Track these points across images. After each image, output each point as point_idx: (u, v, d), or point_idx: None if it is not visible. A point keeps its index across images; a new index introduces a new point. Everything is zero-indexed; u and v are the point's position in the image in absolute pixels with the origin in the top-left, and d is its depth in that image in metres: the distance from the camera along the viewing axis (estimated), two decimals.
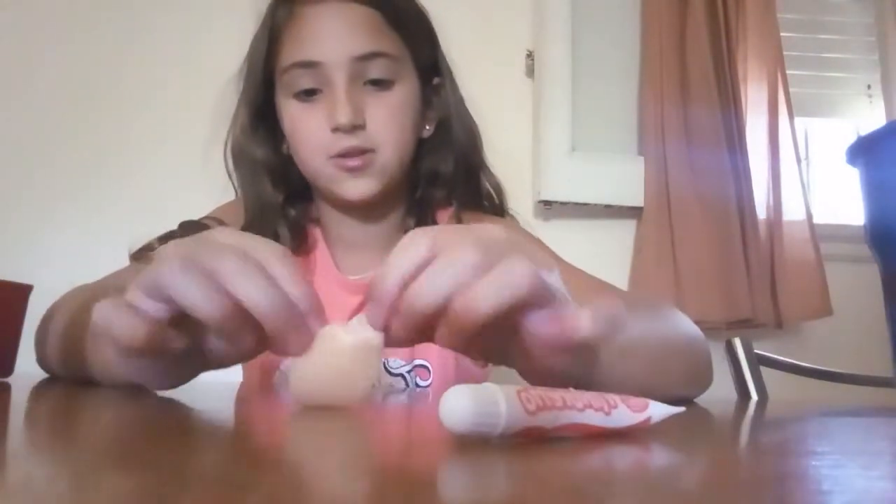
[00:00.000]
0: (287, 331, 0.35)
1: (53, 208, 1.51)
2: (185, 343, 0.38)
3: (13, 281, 0.56)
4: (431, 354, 0.73)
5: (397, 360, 0.73)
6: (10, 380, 0.56)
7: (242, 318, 0.35)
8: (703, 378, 0.61)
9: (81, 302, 0.55)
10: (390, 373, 0.73)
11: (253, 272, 0.34)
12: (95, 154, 1.54)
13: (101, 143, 1.54)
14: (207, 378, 0.64)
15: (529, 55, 1.65)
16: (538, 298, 0.34)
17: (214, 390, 0.57)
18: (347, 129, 0.67)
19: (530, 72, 1.64)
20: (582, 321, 0.34)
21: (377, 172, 0.70)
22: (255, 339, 0.37)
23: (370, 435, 0.34)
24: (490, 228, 0.38)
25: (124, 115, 1.55)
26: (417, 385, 0.73)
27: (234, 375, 0.82)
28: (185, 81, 1.55)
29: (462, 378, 0.74)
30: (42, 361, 0.62)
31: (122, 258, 0.81)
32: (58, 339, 0.58)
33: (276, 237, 0.74)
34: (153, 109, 1.55)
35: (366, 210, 0.75)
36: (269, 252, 0.36)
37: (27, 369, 0.60)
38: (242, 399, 0.53)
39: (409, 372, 0.73)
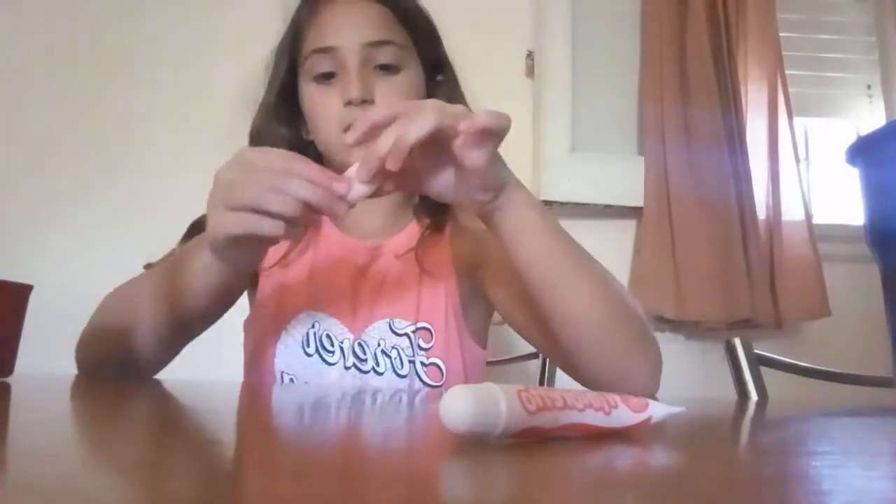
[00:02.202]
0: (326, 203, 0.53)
1: (53, 208, 1.51)
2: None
3: (13, 281, 0.56)
4: (435, 317, 0.78)
5: (402, 321, 0.78)
6: (10, 380, 0.55)
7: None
8: (652, 349, 0.64)
9: (134, 285, 0.69)
10: (395, 333, 0.77)
11: (296, 183, 0.52)
12: (96, 154, 1.54)
13: (102, 143, 1.54)
14: (209, 378, 0.64)
15: (529, 55, 1.65)
16: (450, 125, 0.54)
17: (216, 390, 0.57)
18: (358, 103, 0.76)
19: (530, 72, 1.64)
20: (478, 118, 0.56)
21: None
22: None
23: (370, 434, 0.34)
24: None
25: (124, 114, 1.55)
26: (420, 347, 0.77)
27: (236, 376, 0.82)
28: (187, 81, 1.55)
29: (462, 342, 0.79)
30: (80, 348, 0.70)
31: (123, 258, 0.81)
32: (102, 316, 0.69)
33: None
34: (153, 109, 1.55)
35: None
36: (291, 162, 0.54)
37: (27, 369, 0.60)
38: (244, 399, 0.53)
39: (413, 332, 0.77)
